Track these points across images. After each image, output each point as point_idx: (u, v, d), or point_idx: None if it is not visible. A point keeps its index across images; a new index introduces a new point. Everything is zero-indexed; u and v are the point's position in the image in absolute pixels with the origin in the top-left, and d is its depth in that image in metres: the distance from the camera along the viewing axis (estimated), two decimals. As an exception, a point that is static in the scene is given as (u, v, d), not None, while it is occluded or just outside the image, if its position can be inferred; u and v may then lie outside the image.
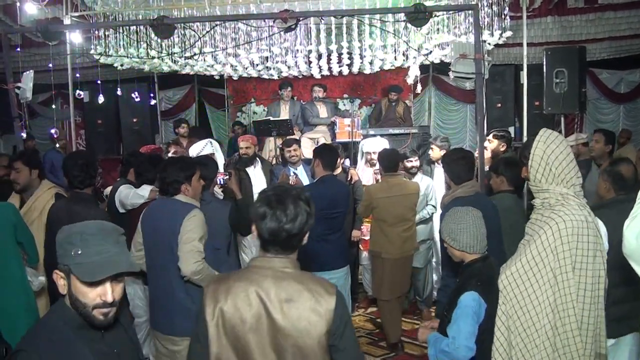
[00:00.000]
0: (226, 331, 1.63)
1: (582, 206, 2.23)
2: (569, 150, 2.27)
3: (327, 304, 1.64)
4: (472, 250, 2.41)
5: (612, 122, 9.74)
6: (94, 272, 1.48)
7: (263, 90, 8.89)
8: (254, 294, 1.63)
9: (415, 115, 9.10)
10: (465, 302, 2.24)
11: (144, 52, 6.47)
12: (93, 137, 8.48)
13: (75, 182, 3.31)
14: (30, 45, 7.63)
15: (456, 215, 2.48)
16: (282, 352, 1.62)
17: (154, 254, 2.90)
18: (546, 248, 2.19)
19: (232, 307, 1.63)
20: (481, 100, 4.57)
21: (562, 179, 2.24)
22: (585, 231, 2.18)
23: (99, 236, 1.54)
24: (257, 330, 1.62)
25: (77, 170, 3.28)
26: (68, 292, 1.54)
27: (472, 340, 2.20)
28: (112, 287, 1.53)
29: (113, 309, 1.54)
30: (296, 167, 4.96)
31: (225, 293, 1.65)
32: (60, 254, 1.53)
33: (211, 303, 1.66)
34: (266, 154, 6.77)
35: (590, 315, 2.18)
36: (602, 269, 2.21)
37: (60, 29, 5.66)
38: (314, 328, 1.62)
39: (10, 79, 4.96)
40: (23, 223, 2.98)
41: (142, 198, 3.54)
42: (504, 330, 2.25)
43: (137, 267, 1.57)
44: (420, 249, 5.01)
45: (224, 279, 1.72)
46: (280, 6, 5.40)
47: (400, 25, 5.91)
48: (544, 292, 2.18)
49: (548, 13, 7.93)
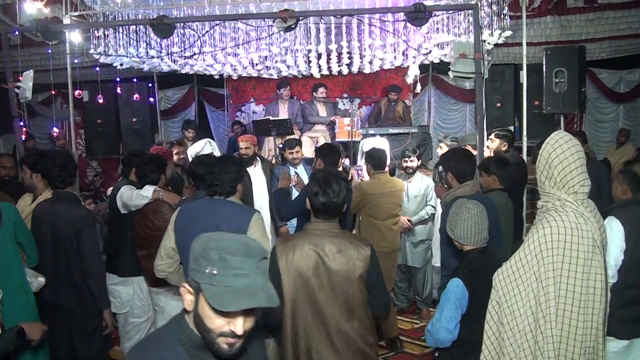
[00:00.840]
0: (295, 276, 2.27)
1: (579, 214, 2.16)
2: (577, 157, 2.19)
3: (365, 252, 2.32)
4: (466, 242, 2.50)
5: (612, 121, 9.75)
6: (226, 301, 1.29)
7: (263, 89, 8.89)
8: (312, 249, 2.28)
9: (414, 114, 9.11)
10: (449, 288, 2.39)
11: (144, 51, 6.46)
12: (92, 137, 8.46)
13: (56, 182, 3.29)
14: (29, 45, 7.61)
15: (458, 206, 2.57)
16: (335, 288, 2.27)
17: None
18: (532, 251, 2.18)
19: (298, 258, 2.27)
20: (481, 100, 4.57)
21: (563, 184, 2.19)
22: (574, 239, 2.13)
23: (240, 257, 1.34)
24: (317, 275, 2.27)
25: (57, 170, 3.26)
26: (194, 310, 1.37)
27: (452, 324, 2.35)
28: (244, 319, 1.34)
29: (241, 341, 1.37)
30: (296, 166, 4.96)
31: (293, 249, 2.29)
32: (193, 268, 1.36)
33: (282, 256, 2.28)
34: (265, 154, 6.77)
35: (578, 326, 2.12)
36: (598, 279, 2.14)
37: (60, 29, 5.66)
38: (357, 269, 2.29)
39: (10, 79, 4.96)
40: (23, 223, 2.98)
41: (145, 199, 3.54)
42: (492, 324, 2.28)
43: (276, 301, 1.35)
44: (419, 249, 5.02)
45: (289, 239, 2.38)
46: (280, 6, 5.40)
47: (400, 25, 5.90)
48: (527, 295, 2.17)
49: (548, 13, 7.93)
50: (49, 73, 6.24)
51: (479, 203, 2.58)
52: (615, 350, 2.80)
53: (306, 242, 2.30)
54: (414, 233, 4.95)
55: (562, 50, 5.71)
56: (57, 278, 3.14)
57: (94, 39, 6.51)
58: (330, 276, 2.27)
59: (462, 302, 2.36)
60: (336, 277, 2.27)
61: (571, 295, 2.12)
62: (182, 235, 2.72)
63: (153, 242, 3.52)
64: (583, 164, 2.21)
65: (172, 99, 10.18)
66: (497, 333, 2.26)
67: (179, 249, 2.76)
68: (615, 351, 2.80)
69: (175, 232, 2.75)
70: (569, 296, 2.12)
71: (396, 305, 5.15)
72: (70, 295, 3.26)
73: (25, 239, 2.97)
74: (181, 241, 2.73)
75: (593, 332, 2.15)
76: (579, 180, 2.18)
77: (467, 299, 2.36)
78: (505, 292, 2.22)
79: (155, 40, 6.38)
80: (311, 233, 2.35)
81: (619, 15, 7.86)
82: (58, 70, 6.97)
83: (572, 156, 2.18)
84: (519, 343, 2.17)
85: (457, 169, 3.35)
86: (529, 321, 2.16)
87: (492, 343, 2.27)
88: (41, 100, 9.81)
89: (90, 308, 3.35)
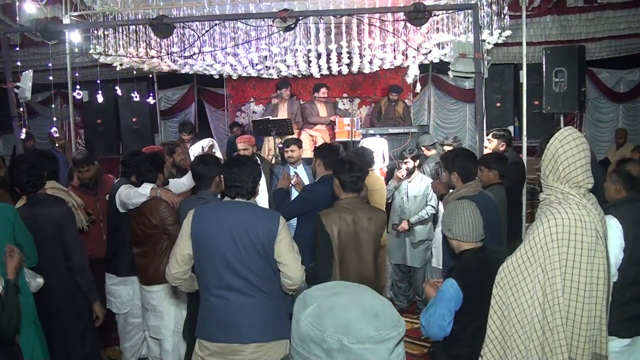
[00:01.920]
0: (341, 238, 3.01)
1: (582, 206, 2.21)
2: (583, 154, 2.23)
3: (384, 216, 3.34)
4: (466, 238, 2.55)
5: (612, 121, 9.76)
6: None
7: (262, 89, 8.88)
8: (350, 217, 3.05)
9: (414, 114, 9.11)
10: (444, 288, 2.48)
11: (143, 51, 6.46)
12: (92, 137, 8.47)
13: (27, 187, 3.24)
14: (29, 45, 7.62)
15: (451, 207, 2.65)
16: (366, 242, 3.08)
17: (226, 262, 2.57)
18: (537, 244, 2.22)
19: (343, 224, 3.02)
20: (480, 100, 4.57)
21: (567, 179, 2.23)
22: (579, 230, 2.18)
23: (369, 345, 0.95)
24: (355, 236, 3.04)
25: (25, 176, 3.20)
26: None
27: (445, 322, 2.44)
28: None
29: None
30: (296, 166, 4.96)
31: (337, 218, 3.03)
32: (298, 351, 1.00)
33: (330, 223, 3.00)
34: (265, 154, 6.77)
35: (583, 315, 2.17)
36: (601, 269, 2.19)
37: (60, 29, 5.66)
38: (379, 229, 3.17)
39: (9, 79, 4.96)
40: (21, 224, 2.96)
41: (143, 197, 3.54)
42: (495, 318, 2.31)
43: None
44: (419, 249, 5.02)
45: (330, 212, 3.08)
46: (280, 5, 5.40)
47: (399, 25, 5.90)
48: (534, 287, 2.21)
49: (547, 12, 7.94)
50: (49, 73, 6.24)
51: (470, 201, 2.65)
52: (617, 350, 2.80)
53: (344, 212, 3.05)
54: (414, 233, 4.95)
55: (562, 50, 5.71)
56: (47, 279, 3.08)
57: (94, 38, 6.51)
58: (364, 236, 3.06)
59: (456, 302, 2.43)
60: (369, 236, 3.07)
61: (576, 285, 2.17)
62: (203, 241, 2.57)
63: (148, 240, 3.57)
64: (588, 161, 2.26)
65: (172, 98, 10.19)
66: (502, 327, 2.29)
67: (196, 254, 2.61)
68: (617, 351, 2.80)
69: (192, 238, 2.58)
70: (574, 286, 2.17)
71: (396, 305, 5.15)
72: (61, 295, 3.24)
73: (24, 240, 2.95)
74: (200, 247, 2.58)
75: (597, 320, 2.20)
76: (583, 178, 2.23)
77: (461, 298, 2.42)
78: (512, 286, 2.25)
79: (155, 40, 6.38)
80: (346, 205, 3.09)
81: (619, 15, 7.87)
82: (58, 70, 6.97)
83: (578, 153, 2.23)
84: (528, 334, 2.21)
85: (462, 169, 3.38)
86: (537, 312, 2.20)
87: (496, 337, 2.30)
88: (41, 100, 9.81)
89: (81, 307, 3.35)
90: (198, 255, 2.60)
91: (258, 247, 2.54)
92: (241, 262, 2.54)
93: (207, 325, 2.61)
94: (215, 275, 2.57)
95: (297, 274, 2.58)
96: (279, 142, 6.19)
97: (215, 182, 3.34)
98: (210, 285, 2.60)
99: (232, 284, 2.55)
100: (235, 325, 2.54)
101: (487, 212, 3.12)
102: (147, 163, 3.70)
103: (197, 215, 2.64)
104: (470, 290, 2.42)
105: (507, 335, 2.26)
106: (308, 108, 7.27)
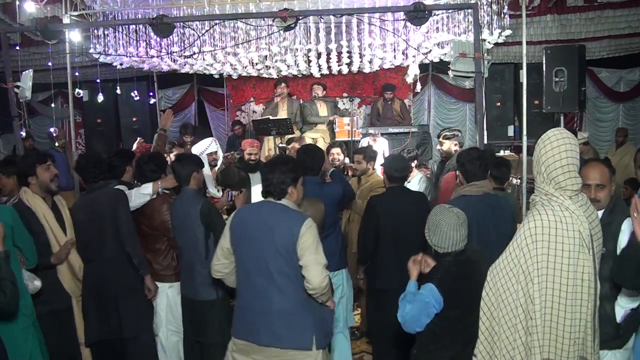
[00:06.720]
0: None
1: (565, 208, 2.18)
2: (569, 154, 2.19)
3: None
4: (444, 251, 2.48)
5: (612, 120, 9.76)
6: None
7: (262, 89, 8.88)
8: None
9: (414, 114, 9.11)
10: (423, 292, 2.41)
11: (143, 51, 6.46)
12: (92, 136, 8.45)
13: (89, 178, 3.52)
14: (29, 44, 7.61)
15: (439, 214, 2.52)
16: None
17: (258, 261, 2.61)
18: (519, 245, 2.22)
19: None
20: (481, 99, 4.57)
21: (551, 179, 2.21)
22: (558, 232, 2.15)
23: None
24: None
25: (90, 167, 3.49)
26: None
27: (418, 324, 2.41)
28: None
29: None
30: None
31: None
32: None
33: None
34: (265, 154, 6.77)
35: (566, 317, 2.15)
36: (586, 272, 2.16)
37: (60, 28, 5.66)
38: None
39: (9, 78, 4.96)
40: (21, 226, 2.95)
41: (146, 196, 3.56)
42: (485, 319, 2.32)
43: None
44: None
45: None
46: (280, 5, 5.40)
47: (399, 24, 5.90)
48: (516, 289, 2.21)
49: (547, 12, 7.93)
50: (49, 72, 6.24)
51: (461, 213, 2.51)
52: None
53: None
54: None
55: (562, 50, 5.71)
56: (103, 258, 3.42)
57: (94, 38, 6.52)
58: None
59: (437, 305, 2.37)
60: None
61: (558, 287, 2.16)
62: (236, 237, 2.66)
63: (148, 239, 3.61)
64: (573, 162, 2.21)
65: (172, 98, 10.18)
66: (491, 328, 2.30)
67: (234, 251, 2.67)
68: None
69: (230, 233, 2.69)
70: (556, 288, 2.16)
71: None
72: (114, 272, 3.44)
73: (23, 242, 2.95)
74: (236, 244, 2.66)
75: (582, 323, 2.18)
76: (565, 179, 2.19)
77: (442, 301, 2.37)
78: (499, 286, 2.27)
79: (155, 40, 6.38)
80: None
81: (619, 14, 7.86)
82: (58, 69, 6.97)
83: (560, 154, 2.19)
84: (514, 337, 2.22)
85: (464, 169, 3.34)
86: (519, 312, 2.21)
87: (485, 338, 2.33)
88: (41, 100, 9.80)
89: (134, 282, 3.49)
90: (235, 252, 2.68)
91: (280, 247, 2.54)
92: (265, 262, 2.56)
93: (236, 321, 2.71)
94: (244, 273, 2.66)
95: (316, 279, 2.48)
96: (279, 142, 6.20)
97: (194, 178, 3.41)
98: (239, 283, 2.71)
99: (256, 283, 2.59)
100: (256, 326, 2.59)
101: (493, 214, 3.14)
102: (150, 164, 3.69)
103: (238, 212, 2.78)
104: (450, 294, 2.38)
105: (496, 335, 2.27)
106: (308, 107, 7.26)
